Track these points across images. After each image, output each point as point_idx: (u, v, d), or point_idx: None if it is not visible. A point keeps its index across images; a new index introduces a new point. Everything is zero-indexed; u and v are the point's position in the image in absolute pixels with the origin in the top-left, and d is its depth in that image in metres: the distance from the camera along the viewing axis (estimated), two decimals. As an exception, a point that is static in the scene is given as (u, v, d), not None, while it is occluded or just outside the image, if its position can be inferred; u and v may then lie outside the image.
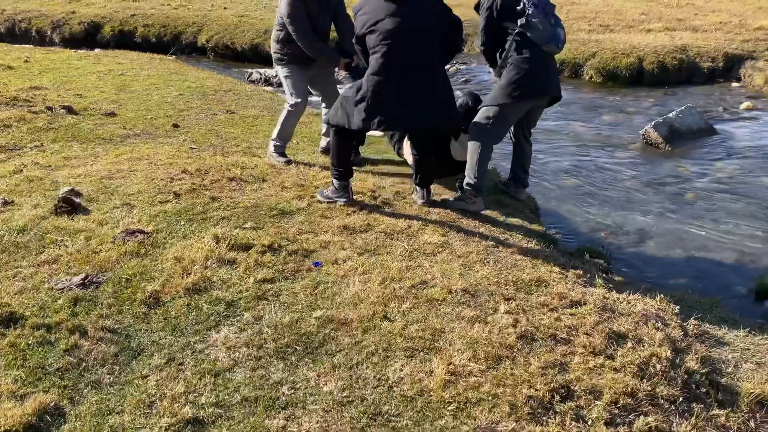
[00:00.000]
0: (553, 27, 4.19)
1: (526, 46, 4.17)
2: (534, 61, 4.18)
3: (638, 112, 8.57)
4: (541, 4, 4.17)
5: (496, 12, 4.21)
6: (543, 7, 4.17)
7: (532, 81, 4.21)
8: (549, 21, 4.16)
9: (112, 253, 3.24)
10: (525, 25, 4.12)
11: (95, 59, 10.48)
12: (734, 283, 4.36)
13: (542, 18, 4.12)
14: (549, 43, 4.18)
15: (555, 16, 4.26)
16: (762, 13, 13.65)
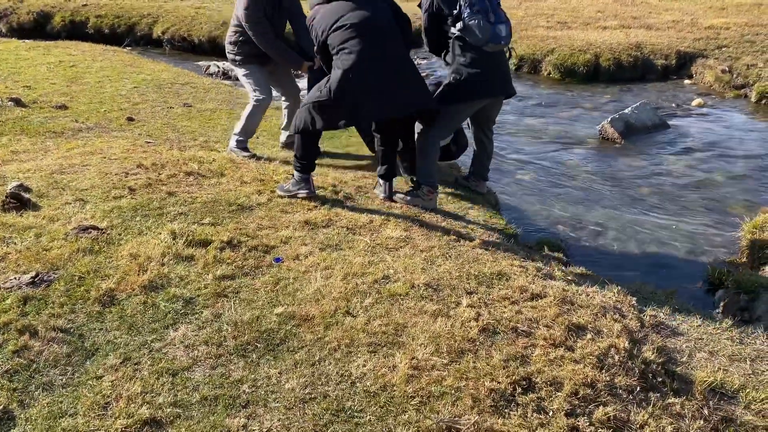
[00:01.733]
0: (493, 25, 4.10)
1: (468, 49, 4.15)
2: (476, 63, 4.15)
3: (595, 108, 8.73)
4: (480, 2, 4.10)
5: (433, 16, 4.21)
6: (483, 4, 4.10)
7: (475, 84, 4.20)
8: (488, 19, 4.09)
9: (63, 250, 3.13)
10: (462, 30, 4.09)
11: (45, 50, 10.12)
12: (688, 274, 4.48)
13: (479, 19, 4.05)
14: (488, 44, 4.13)
15: (497, 12, 4.18)
16: (712, 12, 14.06)
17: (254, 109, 5.03)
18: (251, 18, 4.69)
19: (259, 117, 5.10)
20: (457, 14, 4.11)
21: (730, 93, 9.24)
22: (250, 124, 5.07)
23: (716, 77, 9.63)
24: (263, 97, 5.00)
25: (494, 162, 6.49)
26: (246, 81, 5.07)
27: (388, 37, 3.90)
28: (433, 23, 4.25)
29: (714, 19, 12.88)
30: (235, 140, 5.11)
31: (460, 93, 4.23)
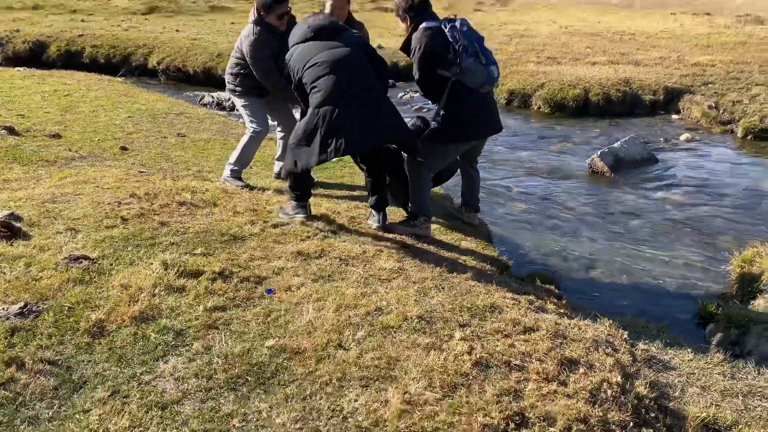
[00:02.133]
0: (486, 66, 4.18)
1: (462, 92, 4.20)
2: (470, 106, 4.24)
3: (585, 142, 8.84)
4: (471, 45, 4.16)
5: (427, 59, 4.18)
6: (473, 48, 4.16)
7: (468, 126, 4.29)
8: (481, 61, 4.16)
9: (54, 280, 3.10)
10: (460, 73, 4.14)
11: (40, 79, 10.17)
12: (679, 307, 4.49)
13: (474, 61, 4.13)
14: (484, 86, 4.23)
15: (486, 52, 4.26)
16: (698, 50, 14.37)
17: (251, 139, 5.08)
18: (256, 56, 4.76)
19: (254, 147, 5.15)
20: (453, 58, 4.14)
21: (717, 128, 9.39)
22: (245, 153, 5.12)
23: (703, 113, 9.80)
24: (260, 129, 5.06)
25: (486, 194, 6.55)
26: (244, 112, 5.13)
27: (360, 74, 3.97)
28: (427, 67, 4.21)
29: (700, 57, 13.15)
30: (230, 169, 5.14)
31: (456, 134, 4.31)
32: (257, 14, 4.76)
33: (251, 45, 4.75)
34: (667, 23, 20.32)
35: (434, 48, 4.15)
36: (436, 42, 4.15)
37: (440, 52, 4.16)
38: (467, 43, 4.15)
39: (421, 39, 4.18)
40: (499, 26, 19.93)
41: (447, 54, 4.15)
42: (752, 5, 26.78)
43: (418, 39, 4.20)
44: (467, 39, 4.17)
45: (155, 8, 24.24)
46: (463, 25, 4.24)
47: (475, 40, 4.23)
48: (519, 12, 25.87)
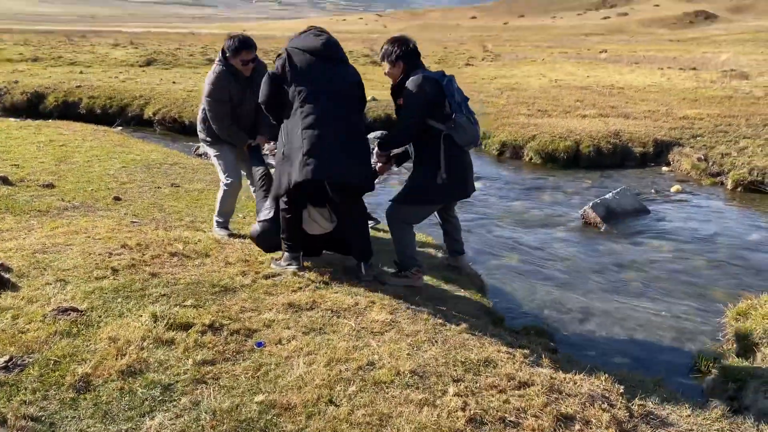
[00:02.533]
0: (474, 125, 4.20)
1: (454, 148, 4.18)
2: (458, 164, 4.24)
3: (576, 193, 8.92)
4: (463, 103, 4.19)
5: (425, 110, 4.12)
6: (464, 106, 4.19)
7: (460, 183, 4.30)
8: (470, 119, 4.18)
9: (40, 332, 3.04)
10: (453, 128, 4.11)
11: (36, 129, 10.26)
12: (675, 361, 4.45)
13: (465, 120, 4.12)
14: (470, 145, 4.24)
15: (471, 112, 4.27)
16: (686, 103, 14.69)
17: (224, 193, 5.11)
18: (213, 97, 4.78)
19: (231, 199, 5.17)
20: (448, 112, 4.12)
21: (707, 180, 9.51)
22: (223, 206, 5.17)
23: (693, 165, 9.94)
24: (231, 180, 5.07)
25: (480, 245, 6.56)
26: (216, 162, 5.15)
27: (350, 111, 4.06)
28: (421, 115, 4.16)
29: (688, 110, 13.44)
30: (216, 221, 5.19)
31: (439, 194, 4.30)
32: (222, 55, 4.78)
33: (210, 84, 4.76)
34: (654, 77, 20.84)
35: (433, 98, 4.11)
36: (433, 91, 4.11)
37: (435, 101, 4.12)
38: (460, 99, 4.19)
39: (422, 86, 4.10)
40: (490, 80, 20.39)
41: (443, 107, 4.13)
42: (736, 61, 27.56)
43: (417, 85, 4.11)
44: (461, 97, 4.22)
45: (153, 60, 24.71)
46: (454, 83, 4.26)
47: (464, 100, 4.26)
48: (509, 66, 26.51)
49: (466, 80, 20.29)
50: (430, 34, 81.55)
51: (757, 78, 20.00)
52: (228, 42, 4.75)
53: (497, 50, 38.06)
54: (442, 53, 34.59)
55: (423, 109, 4.13)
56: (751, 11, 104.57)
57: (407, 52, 4.22)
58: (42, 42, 34.52)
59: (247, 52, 4.74)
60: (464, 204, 8.17)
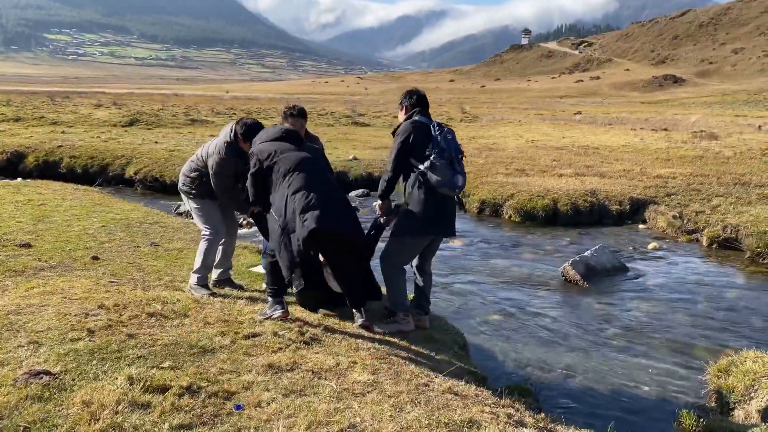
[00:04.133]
0: (453, 173, 4.48)
1: (427, 187, 4.49)
2: (432, 202, 4.51)
3: (556, 250, 9.01)
4: (448, 150, 4.50)
5: (407, 145, 4.52)
6: (450, 154, 4.50)
7: (429, 220, 4.54)
8: (453, 167, 4.48)
9: (11, 397, 2.94)
10: (429, 167, 4.44)
11: (15, 189, 10.19)
12: (658, 418, 4.41)
13: (444, 164, 4.43)
14: (443, 187, 4.47)
15: (460, 163, 4.60)
16: (659, 162, 15.09)
17: (208, 244, 5.15)
18: (221, 173, 4.96)
19: (214, 250, 5.20)
20: (428, 154, 4.47)
21: (683, 237, 9.68)
22: (206, 258, 5.16)
23: (668, 222, 10.13)
24: (215, 230, 5.16)
25: (461, 303, 6.55)
26: (198, 215, 5.25)
27: (323, 172, 4.46)
28: (404, 151, 4.54)
29: (661, 169, 13.80)
30: (195, 277, 5.11)
31: (416, 227, 4.55)
32: (233, 137, 4.98)
33: (218, 163, 4.95)
34: (628, 138, 21.45)
35: (414, 138, 4.51)
36: (419, 134, 4.52)
37: (419, 143, 4.51)
38: (446, 147, 4.49)
39: (408, 128, 4.57)
40: (469, 140, 20.82)
41: (425, 148, 4.49)
42: (706, 122, 28.54)
43: (405, 127, 4.60)
44: (447, 145, 4.51)
45: (136, 121, 24.91)
46: (449, 133, 4.61)
47: (455, 149, 4.56)
48: (487, 127, 27.15)
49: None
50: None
51: (726, 138, 20.69)
52: (239, 128, 4.97)
53: (475, 112, 39.04)
54: (422, 114, 35.34)
55: (403, 145, 4.52)
56: (716, 75, 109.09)
57: (413, 102, 4.76)
58: (25, 102, 34.69)
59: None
60: (445, 261, 8.19)
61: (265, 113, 32.27)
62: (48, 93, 51.74)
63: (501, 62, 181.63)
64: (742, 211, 9.89)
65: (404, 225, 4.60)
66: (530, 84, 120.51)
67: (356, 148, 17.14)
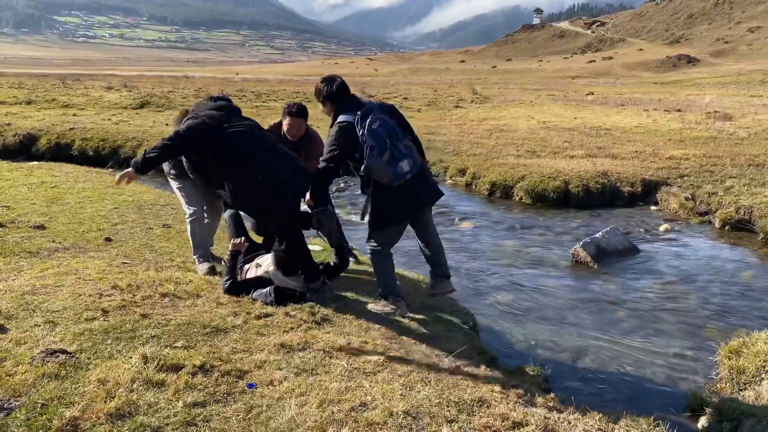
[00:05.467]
0: (394, 165, 4.19)
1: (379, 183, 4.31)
2: (389, 195, 4.33)
3: (566, 232, 8.98)
4: (379, 143, 4.17)
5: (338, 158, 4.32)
6: (382, 146, 4.18)
7: (394, 210, 4.42)
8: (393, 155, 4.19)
9: (28, 375, 3.00)
10: (366, 170, 4.25)
11: (28, 171, 10.27)
12: (668, 399, 4.42)
13: (378, 160, 4.16)
14: (394, 182, 4.24)
15: (398, 146, 4.27)
16: (672, 144, 14.94)
17: (191, 225, 5.38)
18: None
19: (199, 229, 5.38)
20: (360, 158, 4.26)
21: (695, 219, 9.61)
22: (196, 239, 5.36)
23: (680, 204, 10.05)
24: (194, 209, 5.36)
25: (472, 284, 6.56)
26: (179, 194, 5.49)
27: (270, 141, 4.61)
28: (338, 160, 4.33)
29: (674, 150, 13.66)
30: (196, 258, 5.37)
31: (384, 220, 4.47)
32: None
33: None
34: (640, 119, 21.23)
35: (342, 148, 4.29)
36: (346, 142, 4.28)
37: (348, 150, 4.29)
38: (375, 142, 4.19)
39: (333, 136, 4.33)
40: (480, 122, 20.69)
41: (355, 152, 4.27)
42: (720, 103, 28.18)
43: (332, 135, 4.35)
44: (375, 138, 4.19)
45: (146, 103, 24.94)
46: (375, 120, 4.24)
47: (387, 134, 4.24)
48: (498, 108, 26.95)
49: (455, 122, 20.58)
50: (421, 77, 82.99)
51: (740, 119, 20.42)
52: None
53: (486, 93, 38.75)
54: (432, 96, 35.16)
55: (335, 157, 4.31)
56: (732, 55, 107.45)
57: (331, 93, 4.42)
58: (36, 85, 34.81)
59: None
60: (455, 242, 8.19)
61: (275, 95, 32.22)
62: (59, 75, 51.88)
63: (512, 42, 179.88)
64: (755, 193, 9.79)
65: (373, 221, 4.49)
66: (542, 64, 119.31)
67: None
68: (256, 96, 31.59)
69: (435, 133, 16.90)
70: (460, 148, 14.24)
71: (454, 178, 12.64)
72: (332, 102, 4.44)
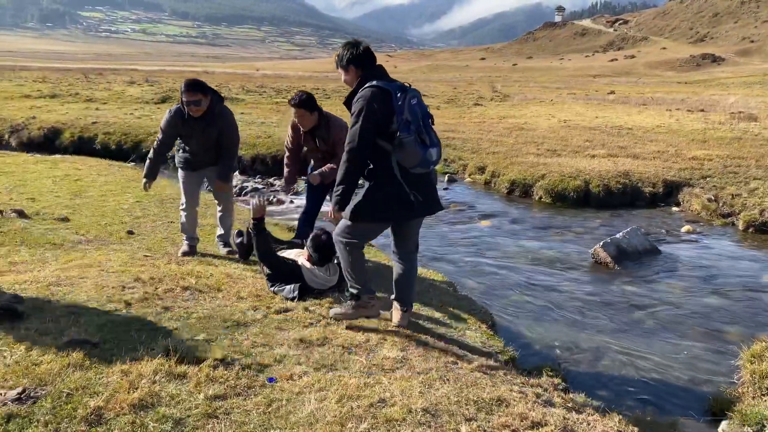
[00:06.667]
0: (425, 149, 3.71)
1: (393, 169, 3.76)
2: (399, 185, 3.78)
3: (587, 232, 8.91)
4: (415, 121, 3.71)
5: (373, 128, 3.69)
6: (417, 124, 3.72)
7: (392, 206, 3.83)
8: (423, 141, 3.73)
9: (53, 365, 3.06)
10: (397, 147, 3.68)
11: (52, 164, 10.42)
12: (689, 402, 4.37)
13: (414, 140, 3.66)
14: (418, 167, 3.74)
15: (431, 132, 3.82)
16: (695, 144, 14.75)
17: (181, 214, 5.72)
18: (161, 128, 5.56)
19: (186, 218, 5.68)
20: (393, 130, 3.68)
21: (718, 221, 9.48)
22: (183, 226, 5.72)
23: (703, 205, 9.93)
24: (183, 200, 5.70)
25: (491, 283, 6.53)
26: (180, 185, 5.82)
27: None
28: (370, 134, 3.70)
29: (697, 151, 13.48)
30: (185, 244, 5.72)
31: (376, 212, 3.85)
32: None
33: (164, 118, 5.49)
34: (663, 119, 20.98)
35: (378, 113, 3.67)
36: (381, 108, 3.67)
37: (384, 117, 3.68)
38: (412, 118, 3.70)
39: (368, 99, 3.68)
40: (499, 120, 20.59)
41: (390, 124, 3.69)
42: (745, 103, 27.74)
43: (364, 98, 3.70)
44: (413, 114, 3.72)
45: (168, 98, 25.16)
46: (413, 97, 3.77)
47: (422, 116, 3.78)
48: (518, 106, 26.79)
49: (475, 120, 20.50)
50: (440, 74, 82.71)
51: (765, 120, 20.09)
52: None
53: (506, 91, 38.54)
54: (452, 93, 35.05)
55: (369, 128, 3.69)
56: (758, 54, 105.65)
57: (357, 56, 3.87)
58: (60, 79, 35.29)
59: (186, 93, 5.34)
60: (474, 241, 8.17)
61: (295, 91, 32.30)
62: (82, 70, 52.53)
63: (534, 40, 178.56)
64: (780, 195, 9.63)
65: (364, 207, 3.83)
66: (563, 62, 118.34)
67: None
68: (276, 92, 31.73)
69: (454, 131, 16.85)
70: (479, 146, 14.19)
71: (473, 176, 12.60)
72: (357, 67, 3.87)
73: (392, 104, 3.68)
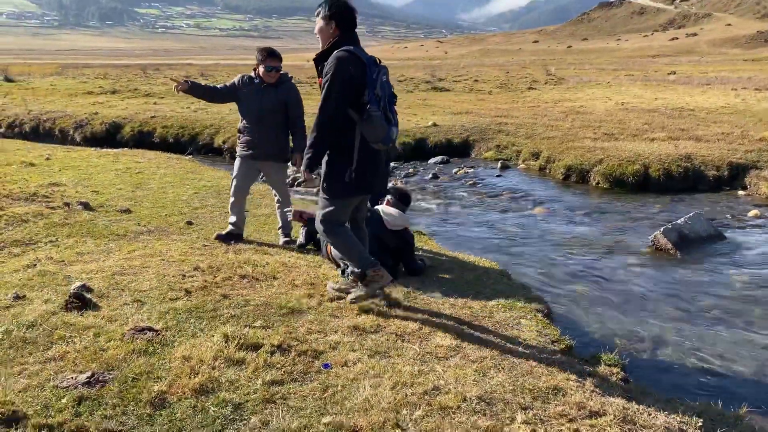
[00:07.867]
0: (389, 126, 3.72)
1: (354, 140, 3.75)
2: (367, 159, 3.79)
3: (646, 218, 8.64)
4: (383, 98, 3.72)
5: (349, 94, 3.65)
6: (384, 102, 3.73)
7: (361, 180, 3.82)
8: (390, 117, 3.75)
9: (119, 350, 3.19)
10: (366, 120, 3.64)
11: (114, 158, 10.81)
12: (757, 395, 4.20)
13: (380, 116, 3.65)
14: (380, 142, 3.74)
15: (393, 112, 3.85)
16: (762, 125, 14.06)
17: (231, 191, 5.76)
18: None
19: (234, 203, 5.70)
20: (364, 101, 3.65)
21: (788, 204, 9.04)
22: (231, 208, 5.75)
23: (772, 188, 9.47)
24: (233, 180, 5.71)
25: (547, 271, 6.42)
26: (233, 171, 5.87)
27: None
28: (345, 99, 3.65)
29: (765, 132, 12.85)
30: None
31: (348, 189, 3.85)
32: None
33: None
34: (728, 99, 20.08)
35: (355, 77, 3.63)
36: (357, 73, 3.64)
37: (360, 84, 3.64)
38: (381, 94, 3.71)
39: (345, 62, 3.62)
40: (554, 104, 20.13)
41: (362, 95, 3.65)
42: (817, 80, 26.22)
43: (341, 60, 3.63)
44: (383, 90, 3.73)
45: (223, 91, 25.63)
46: (384, 74, 3.78)
47: (388, 95, 3.80)
48: (573, 90, 26.12)
49: (529, 104, 20.12)
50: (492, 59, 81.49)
51: (840, 97, 18.95)
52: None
53: (561, 74, 37.64)
54: (504, 78, 34.48)
55: (346, 92, 3.65)
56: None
57: (345, 14, 3.78)
58: (119, 75, 36.51)
59: (267, 60, 5.42)
60: (529, 229, 8.04)
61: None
62: (140, 66, 54.18)
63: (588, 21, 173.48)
64: None
65: (332, 187, 3.86)
66: (620, 43, 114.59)
67: (435, 114, 16.96)
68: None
69: (507, 116, 16.59)
70: (533, 131, 13.92)
71: (527, 162, 12.39)
72: (338, 24, 3.77)
73: (366, 76, 3.66)
